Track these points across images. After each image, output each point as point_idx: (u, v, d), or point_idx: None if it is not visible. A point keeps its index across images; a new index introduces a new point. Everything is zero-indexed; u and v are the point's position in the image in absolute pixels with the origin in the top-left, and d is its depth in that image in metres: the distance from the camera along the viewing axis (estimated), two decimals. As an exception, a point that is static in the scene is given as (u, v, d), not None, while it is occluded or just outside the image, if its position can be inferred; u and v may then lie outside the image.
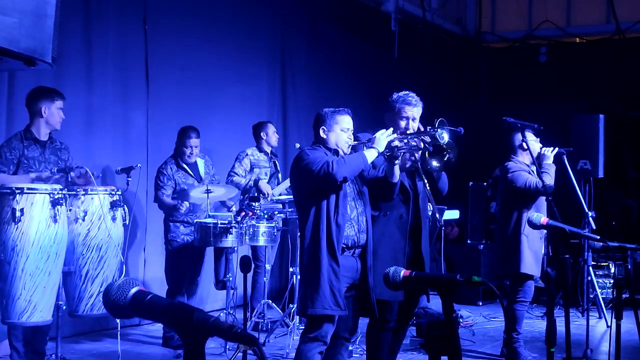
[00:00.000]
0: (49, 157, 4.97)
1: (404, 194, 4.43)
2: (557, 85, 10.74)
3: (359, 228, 4.09)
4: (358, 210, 4.11)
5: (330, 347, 4.09)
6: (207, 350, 1.81)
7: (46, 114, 4.91)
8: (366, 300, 4.12)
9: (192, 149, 6.20)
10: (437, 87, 10.75)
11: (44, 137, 4.97)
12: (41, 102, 4.91)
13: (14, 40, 3.41)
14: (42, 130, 4.95)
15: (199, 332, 1.76)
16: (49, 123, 4.95)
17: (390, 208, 4.37)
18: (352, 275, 4.09)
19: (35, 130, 4.93)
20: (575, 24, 11.23)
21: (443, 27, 11.35)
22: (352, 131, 4.20)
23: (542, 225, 3.76)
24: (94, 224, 4.51)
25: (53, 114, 4.93)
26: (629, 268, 4.11)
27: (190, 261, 6.22)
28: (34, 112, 4.93)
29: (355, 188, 4.16)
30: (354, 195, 4.13)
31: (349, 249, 4.07)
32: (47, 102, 4.91)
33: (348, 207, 4.04)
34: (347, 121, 4.17)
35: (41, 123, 4.93)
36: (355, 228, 4.07)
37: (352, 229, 4.05)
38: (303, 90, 8.83)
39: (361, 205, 4.15)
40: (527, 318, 7.37)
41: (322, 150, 4.11)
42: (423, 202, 4.51)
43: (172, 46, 7.18)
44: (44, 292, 4.28)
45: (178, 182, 6.19)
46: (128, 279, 1.89)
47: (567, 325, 3.50)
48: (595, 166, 7.72)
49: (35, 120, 4.94)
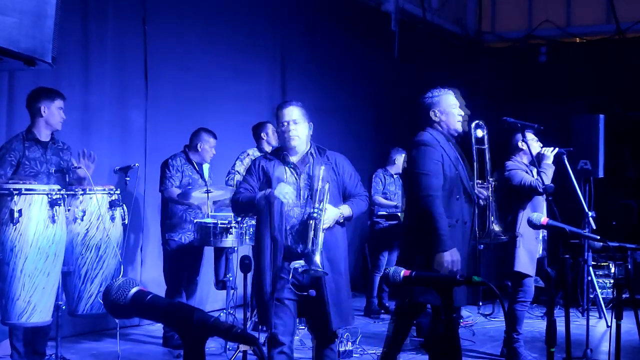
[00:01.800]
0: (51, 157, 4.96)
1: (468, 199, 4.42)
2: (557, 85, 10.73)
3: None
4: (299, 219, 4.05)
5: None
6: (207, 350, 1.81)
7: (46, 114, 4.89)
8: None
9: (211, 149, 6.31)
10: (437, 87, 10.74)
11: (45, 138, 4.95)
12: (40, 102, 4.89)
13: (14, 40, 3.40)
14: (43, 131, 4.93)
15: (199, 332, 1.76)
16: (49, 123, 4.93)
17: (459, 215, 4.33)
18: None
19: (36, 131, 4.92)
20: (575, 24, 11.22)
21: (443, 27, 11.34)
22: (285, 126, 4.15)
23: (542, 225, 3.76)
24: (92, 223, 4.51)
25: (53, 114, 4.91)
26: (629, 268, 4.11)
27: (188, 261, 6.22)
28: (34, 112, 4.92)
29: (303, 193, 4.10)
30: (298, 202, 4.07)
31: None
32: (47, 101, 4.89)
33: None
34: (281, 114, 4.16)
35: (41, 123, 4.92)
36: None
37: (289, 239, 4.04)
38: (303, 90, 8.82)
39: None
40: (527, 318, 7.36)
41: (253, 172, 4.20)
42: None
43: (171, 46, 7.18)
44: (43, 292, 4.27)
45: (185, 174, 6.22)
46: (128, 279, 1.89)
47: (567, 325, 3.49)
48: (595, 166, 7.72)
49: (35, 120, 4.92)
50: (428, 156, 4.30)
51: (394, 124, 10.27)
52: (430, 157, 4.30)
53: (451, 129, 4.47)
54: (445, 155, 4.34)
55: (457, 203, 4.33)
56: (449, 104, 4.49)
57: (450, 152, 4.39)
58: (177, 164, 6.23)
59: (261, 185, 4.12)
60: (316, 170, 4.08)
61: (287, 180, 4.07)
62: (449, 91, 4.56)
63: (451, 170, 4.32)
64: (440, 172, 4.29)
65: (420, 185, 4.26)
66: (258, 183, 4.13)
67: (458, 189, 4.34)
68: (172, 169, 6.21)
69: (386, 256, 7.98)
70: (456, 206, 4.32)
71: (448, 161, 4.33)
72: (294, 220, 4.02)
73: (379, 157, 8.60)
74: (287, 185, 4.02)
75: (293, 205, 4.02)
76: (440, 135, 4.43)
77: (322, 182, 4.02)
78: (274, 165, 4.13)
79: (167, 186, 6.17)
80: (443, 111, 4.46)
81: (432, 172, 4.27)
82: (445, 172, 4.30)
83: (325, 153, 4.21)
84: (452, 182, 4.32)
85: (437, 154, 4.31)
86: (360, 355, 5.74)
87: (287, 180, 4.07)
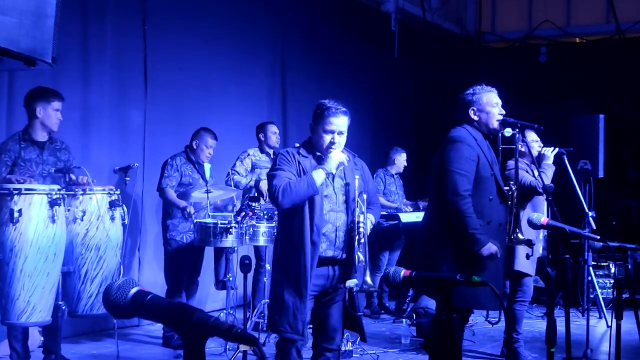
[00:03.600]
0: (47, 158, 4.92)
1: (503, 200, 4.32)
2: (557, 85, 10.73)
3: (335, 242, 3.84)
4: (337, 224, 3.85)
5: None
6: (207, 350, 1.81)
7: (41, 115, 4.84)
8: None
9: (209, 149, 6.28)
10: (437, 87, 10.74)
11: (42, 138, 4.91)
12: (37, 102, 4.85)
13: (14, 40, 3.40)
14: (39, 132, 4.89)
15: (199, 332, 1.76)
16: (45, 124, 4.88)
17: (492, 216, 4.22)
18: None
19: (32, 131, 4.88)
20: (575, 24, 11.22)
21: (443, 27, 11.35)
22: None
23: (542, 225, 3.75)
24: (92, 223, 4.50)
25: (49, 115, 4.86)
26: (629, 268, 4.11)
27: (189, 261, 6.22)
28: (30, 113, 4.88)
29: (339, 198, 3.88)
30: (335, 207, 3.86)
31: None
32: (43, 103, 4.85)
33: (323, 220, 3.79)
34: (337, 123, 3.85)
35: (37, 124, 4.87)
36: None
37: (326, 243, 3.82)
38: (303, 90, 8.82)
39: (341, 218, 3.86)
40: (527, 318, 7.37)
41: (291, 163, 3.84)
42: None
43: (170, 46, 7.17)
44: (43, 292, 4.26)
45: (184, 174, 6.22)
46: (128, 279, 1.89)
47: (567, 325, 3.49)
48: (595, 166, 7.72)
49: (32, 121, 4.89)
50: (463, 154, 4.18)
51: (393, 123, 10.28)
52: (465, 155, 4.17)
53: (490, 127, 4.34)
54: (481, 154, 4.21)
55: (490, 204, 4.21)
56: (490, 102, 4.36)
57: (487, 152, 4.28)
58: (177, 164, 6.23)
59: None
60: (349, 177, 3.87)
61: (322, 182, 3.81)
62: (491, 89, 4.42)
63: (486, 170, 4.21)
64: (473, 171, 4.15)
65: (451, 183, 4.12)
66: (295, 174, 3.80)
67: (492, 190, 4.22)
68: (171, 168, 6.21)
69: (387, 256, 7.98)
70: (489, 207, 4.21)
71: (484, 160, 4.22)
72: (329, 225, 3.81)
73: (378, 157, 8.60)
74: (339, 153, 3.79)
75: (329, 210, 3.83)
76: (478, 132, 4.31)
77: (359, 190, 3.84)
78: (310, 163, 3.85)
79: (164, 186, 6.18)
80: (483, 109, 4.33)
81: (465, 170, 4.14)
82: (480, 172, 4.18)
83: (354, 158, 4.00)
84: (487, 183, 4.20)
85: (473, 153, 4.19)
86: (360, 355, 5.74)
87: (323, 183, 3.81)
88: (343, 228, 3.84)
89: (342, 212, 3.85)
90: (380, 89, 10.15)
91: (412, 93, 10.76)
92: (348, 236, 3.81)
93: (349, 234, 3.82)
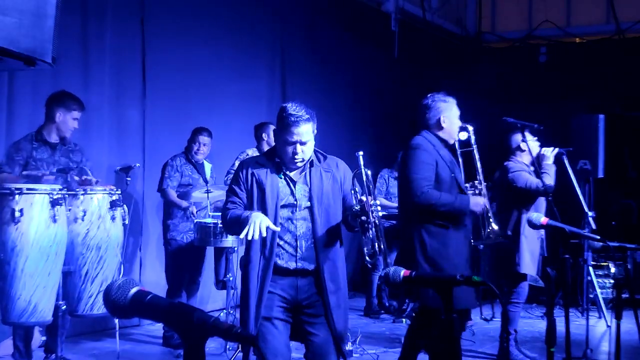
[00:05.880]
0: (59, 159, 5.04)
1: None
2: (557, 85, 10.73)
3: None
4: (297, 233, 3.53)
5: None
6: (207, 350, 1.81)
7: (59, 120, 5.00)
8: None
9: (199, 145, 6.29)
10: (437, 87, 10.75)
11: (54, 140, 5.04)
12: (58, 107, 5.00)
13: (14, 40, 3.40)
14: (53, 134, 5.03)
15: (199, 332, 1.76)
16: (60, 129, 5.03)
17: (456, 219, 4.30)
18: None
19: (46, 132, 5.02)
20: (575, 24, 11.22)
21: (443, 27, 11.35)
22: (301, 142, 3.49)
23: (542, 225, 3.75)
24: (93, 223, 4.51)
25: (66, 122, 5.02)
26: (629, 268, 4.13)
27: (189, 261, 6.22)
28: (49, 115, 5.03)
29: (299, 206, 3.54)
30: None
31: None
32: (64, 110, 5.00)
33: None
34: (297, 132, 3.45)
35: (52, 127, 5.02)
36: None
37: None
38: (303, 90, 8.82)
39: (303, 226, 3.54)
40: (527, 318, 7.38)
41: (240, 180, 3.55)
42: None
43: (169, 46, 7.17)
44: (44, 292, 4.27)
45: (184, 174, 6.23)
46: (128, 279, 1.89)
47: (567, 325, 3.49)
48: (595, 166, 7.72)
49: (48, 122, 5.03)
50: (420, 158, 4.28)
51: (393, 123, 10.27)
52: (422, 159, 4.28)
53: (452, 137, 4.48)
54: (439, 158, 4.32)
55: None
56: (456, 114, 4.49)
57: (445, 156, 4.38)
58: (177, 164, 6.25)
59: (249, 196, 3.54)
60: (315, 181, 3.55)
61: (281, 190, 3.53)
62: (454, 100, 4.54)
63: (447, 173, 4.31)
64: (433, 173, 4.26)
65: (413, 187, 4.23)
66: (245, 193, 3.55)
67: (453, 192, 4.31)
68: (172, 169, 6.23)
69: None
70: None
71: (443, 164, 4.31)
72: (288, 235, 3.52)
73: (378, 157, 8.59)
74: (264, 218, 3.37)
75: (286, 218, 3.52)
76: (436, 139, 4.42)
77: (326, 192, 3.56)
78: (267, 173, 3.53)
79: (165, 187, 6.20)
80: (450, 119, 4.45)
81: (424, 173, 4.25)
82: (440, 175, 4.28)
83: (326, 159, 3.65)
84: (448, 185, 4.30)
85: (430, 157, 4.29)
86: (360, 355, 5.74)
87: (282, 191, 3.53)
88: (307, 237, 3.53)
89: (305, 220, 3.53)
90: (380, 88, 10.14)
91: (412, 93, 10.74)
92: (315, 245, 3.52)
93: (316, 243, 3.51)
